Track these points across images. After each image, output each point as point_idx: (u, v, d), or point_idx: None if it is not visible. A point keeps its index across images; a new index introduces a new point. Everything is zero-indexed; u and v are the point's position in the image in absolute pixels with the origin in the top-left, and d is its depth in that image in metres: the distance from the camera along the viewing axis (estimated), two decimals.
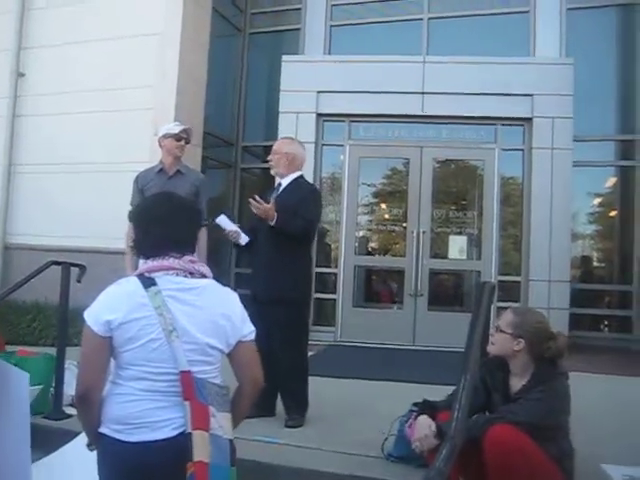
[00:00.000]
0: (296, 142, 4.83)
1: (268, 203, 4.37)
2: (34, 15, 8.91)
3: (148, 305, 2.08)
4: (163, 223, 2.22)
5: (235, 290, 2.33)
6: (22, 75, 8.82)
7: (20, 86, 8.83)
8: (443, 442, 2.26)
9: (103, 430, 2.11)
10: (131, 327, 2.06)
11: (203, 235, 4.73)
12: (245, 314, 2.27)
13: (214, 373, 2.17)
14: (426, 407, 2.91)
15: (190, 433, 2.00)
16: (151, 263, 2.19)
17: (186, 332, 2.09)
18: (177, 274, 2.17)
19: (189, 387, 2.05)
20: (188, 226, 2.31)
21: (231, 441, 2.11)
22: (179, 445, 2.00)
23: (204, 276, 2.24)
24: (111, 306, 2.09)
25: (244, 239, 4.41)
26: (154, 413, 2.06)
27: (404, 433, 2.99)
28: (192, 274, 2.20)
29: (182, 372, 2.06)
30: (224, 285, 2.31)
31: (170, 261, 2.17)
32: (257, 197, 4.28)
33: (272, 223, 4.23)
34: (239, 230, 4.41)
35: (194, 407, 2.03)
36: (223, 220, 4.38)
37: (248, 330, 2.25)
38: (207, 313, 2.14)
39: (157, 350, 2.06)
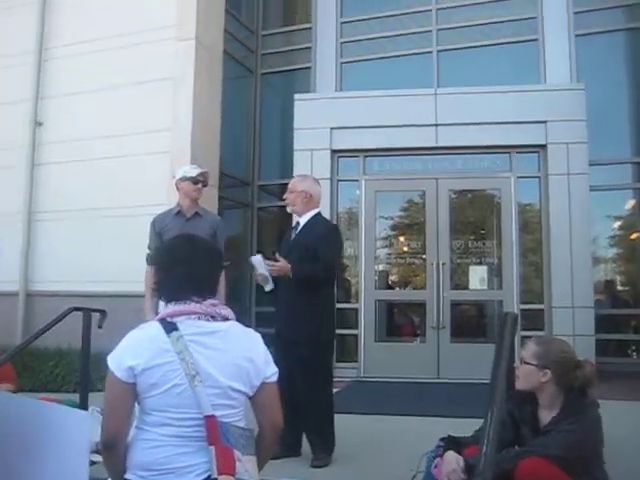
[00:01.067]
0: (310, 178, 4.82)
1: (289, 242, 4.39)
2: (50, 65, 9.11)
3: (170, 350, 2.06)
4: (185, 265, 2.21)
5: (256, 329, 2.31)
6: (40, 124, 9.00)
7: (38, 135, 9.00)
8: (473, 478, 2.21)
9: (129, 476, 2.09)
10: (154, 373, 2.05)
11: (222, 277, 4.73)
12: (268, 355, 2.25)
13: (238, 416, 2.14)
14: (452, 443, 2.85)
15: (216, 479, 1.98)
16: (172, 308, 2.18)
17: (209, 376, 2.07)
18: (199, 318, 2.16)
19: (214, 432, 2.03)
20: (210, 268, 2.29)
21: None
22: None
23: (226, 319, 2.22)
24: (134, 351, 2.08)
25: (270, 286, 4.40)
26: (179, 459, 2.03)
27: (431, 471, 2.93)
28: (214, 317, 2.18)
29: (206, 417, 2.04)
30: (245, 325, 2.29)
31: (192, 305, 2.16)
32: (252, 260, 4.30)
33: (290, 276, 4.23)
34: (268, 276, 4.39)
35: (219, 452, 2.01)
36: (258, 260, 4.35)
37: (271, 371, 2.23)
38: (230, 356, 2.13)
39: (180, 395, 2.04)
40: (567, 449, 2.62)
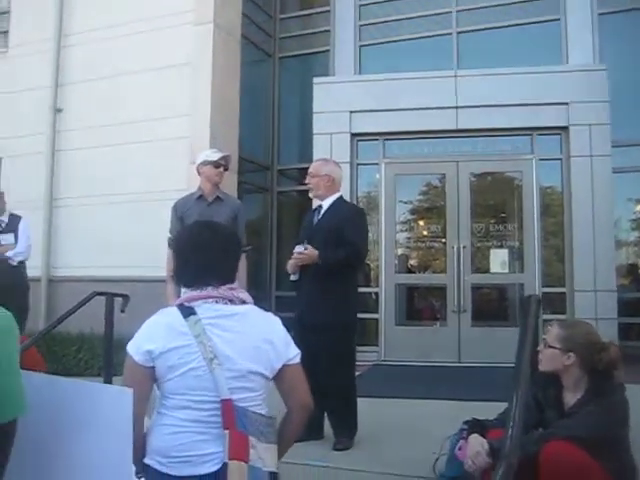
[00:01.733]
0: (332, 162, 4.79)
1: (311, 226, 4.40)
2: (69, 52, 9.15)
3: (188, 334, 2.08)
4: (203, 252, 2.22)
5: (276, 313, 2.31)
6: (60, 110, 9.06)
7: (58, 121, 9.06)
8: (498, 461, 2.20)
9: (148, 461, 2.11)
10: (171, 356, 2.07)
11: (242, 262, 4.73)
12: (289, 337, 2.25)
13: (257, 401, 2.14)
14: (476, 426, 2.84)
15: (226, 463, 1.99)
16: (190, 293, 2.20)
17: (227, 359, 2.08)
18: (216, 301, 2.17)
19: (229, 416, 2.03)
20: (228, 255, 2.30)
21: (273, 474, 2.08)
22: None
23: (244, 302, 2.23)
24: (151, 336, 2.12)
25: (295, 276, 4.41)
26: (197, 446, 2.05)
27: (455, 453, 2.92)
28: (232, 301, 2.19)
29: (223, 400, 2.05)
30: (265, 309, 2.29)
31: (209, 290, 2.18)
32: (297, 249, 4.28)
33: (320, 262, 4.22)
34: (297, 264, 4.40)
35: (233, 436, 2.01)
36: (300, 249, 4.35)
37: (293, 353, 2.23)
38: (248, 339, 2.13)
39: (199, 378, 2.06)
40: (591, 430, 2.61)
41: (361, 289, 8.49)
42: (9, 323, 2.35)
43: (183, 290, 4.64)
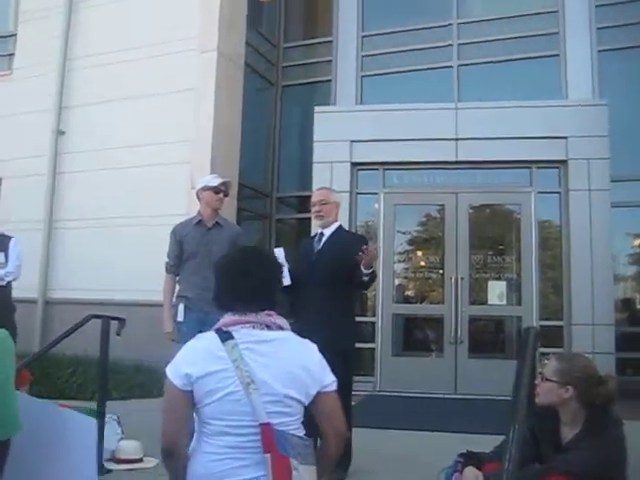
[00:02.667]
0: (334, 191, 4.89)
1: (312, 253, 4.41)
2: (73, 76, 9.23)
3: (225, 358, 2.10)
4: (250, 277, 2.23)
5: None
6: (62, 133, 9.13)
7: (60, 144, 9.10)
8: None
9: None
10: (209, 380, 2.08)
11: None
12: (325, 364, 2.25)
13: (295, 425, 2.14)
14: (471, 458, 2.81)
15: None
16: (228, 318, 2.21)
17: (264, 384, 2.08)
18: (254, 327, 2.18)
19: (269, 439, 2.03)
20: (272, 282, 2.32)
21: None
22: None
23: (281, 328, 2.23)
24: (189, 360, 2.14)
25: (287, 280, 4.39)
26: (236, 472, 2.05)
27: None
28: (269, 327, 2.20)
29: (262, 424, 2.05)
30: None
31: (248, 315, 2.19)
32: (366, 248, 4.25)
33: (368, 271, 4.19)
34: (287, 269, 4.39)
35: (275, 460, 2.01)
36: (280, 253, 4.36)
37: (329, 380, 2.23)
38: (285, 364, 2.14)
39: (236, 403, 2.06)
40: (590, 467, 2.57)
41: (358, 318, 8.52)
42: (8, 342, 2.36)
43: (180, 313, 4.69)
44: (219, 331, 2.18)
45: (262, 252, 2.45)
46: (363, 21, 10.22)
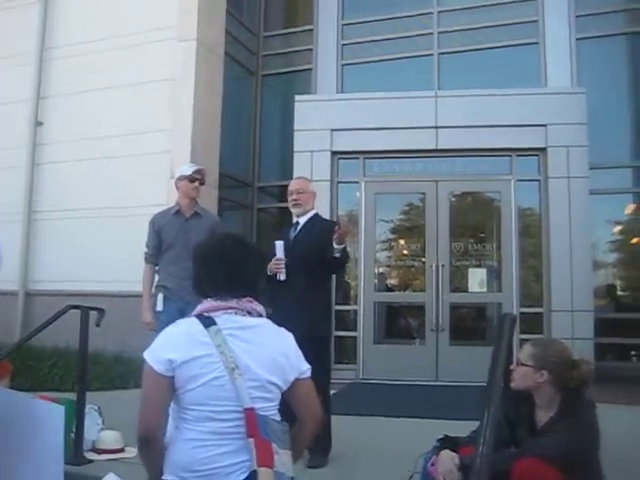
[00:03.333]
0: (309, 180, 4.92)
1: (289, 241, 4.42)
2: (51, 65, 9.13)
3: (209, 343, 2.10)
4: (231, 263, 2.23)
5: None
6: (40, 124, 9.04)
7: (39, 135, 9.01)
8: (468, 478, 2.20)
9: (169, 477, 2.10)
10: (193, 365, 2.07)
11: None
12: (300, 352, 2.29)
13: (274, 410, 2.17)
14: (448, 442, 2.85)
15: (256, 470, 2.00)
16: (209, 303, 2.21)
17: (248, 369, 2.09)
18: (235, 313, 2.19)
19: (253, 424, 2.05)
20: (254, 268, 2.32)
21: (293, 478, 2.12)
22: None
23: (260, 315, 2.25)
24: (172, 345, 2.12)
25: (284, 275, 4.40)
26: (221, 458, 2.05)
27: (428, 469, 2.92)
28: (250, 313, 2.22)
29: (246, 409, 2.06)
30: None
31: (229, 301, 2.19)
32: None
33: (340, 247, 4.19)
34: (284, 264, 4.40)
35: (259, 444, 2.03)
36: (280, 246, 4.37)
37: (305, 367, 2.27)
38: (267, 351, 2.16)
39: (221, 388, 2.07)
40: (564, 449, 2.61)
41: (340, 307, 8.60)
42: None
43: (160, 303, 4.68)
44: (200, 317, 2.18)
45: (242, 239, 2.43)
46: (343, 10, 10.20)
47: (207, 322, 2.14)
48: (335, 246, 4.18)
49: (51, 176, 8.89)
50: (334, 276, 5.56)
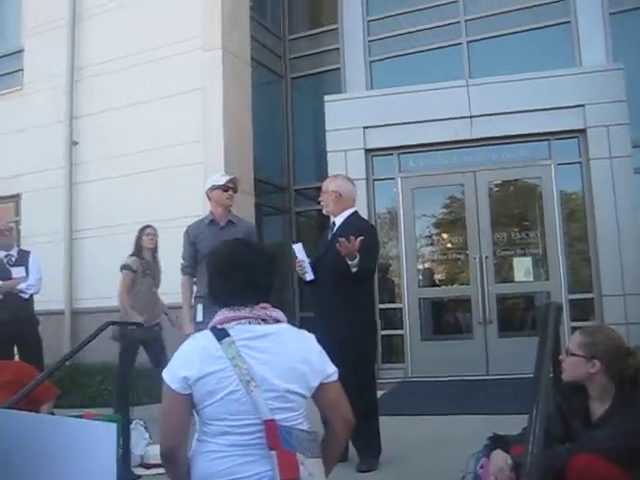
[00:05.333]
0: (341, 177, 4.79)
1: (325, 242, 4.37)
2: (82, 85, 9.24)
3: (223, 357, 2.06)
4: (243, 271, 2.18)
5: None
6: (76, 143, 9.13)
7: (74, 154, 9.13)
8: (520, 478, 2.10)
9: None
10: (208, 381, 2.04)
11: None
12: (324, 355, 2.22)
13: (299, 419, 2.11)
14: (498, 442, 2.73)
15: None
16: (222, 315, 2.17)
17: (264, 380, 2.04)
18: (250, 322, 2.14)
19: (274, 436, 2.00)
20: (267, 273, 2.26)
21: None
22: None
23: (277, 321, 2.19)
24: (186, 362, 2.08)
25: (310, 275, 4.35)
26: (242, 468, 2.01)
27: (477, 472, 2.82)
28: (265, 320, 2.16)
29: (265, 421, 2.01)
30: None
31: (242, 310, 2.14)
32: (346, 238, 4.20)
33: (354, 263, 4.14)
34: (308, 264, 4.34)
35: (281, 456, 1.98)
36: (299, 248, 4.35)
37: (331, 370, 2.20)
38: (284, 359, 2.10)
39: (237, 402, 2.02)
40: (621, 442, 2.47)
41: (385, 305, 8.51)
42: None
43: (199, 313, 4.66)
44: (214, 329, 2.14)
45: (253, 244, 2.40)
46: (368, 5, 10.09)
47: (220, 335, 2.10)
48: (349, 262, 4.10)
49: (88, 194, 8.98)
50: (376, 277, 5.51)
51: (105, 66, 8.97)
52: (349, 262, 4.11)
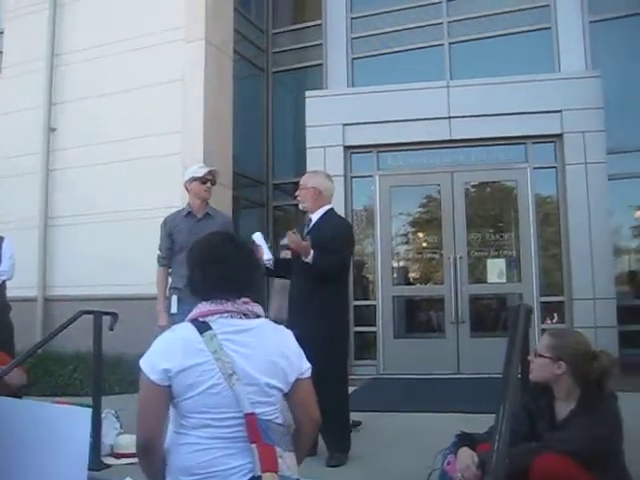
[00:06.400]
0: (321, 174, 4.77)
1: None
2: (62, 71, 9.15)
3: (205, 350, 2.05)
4: (225, 265, 2.18)
5: None
6: (53, 130, 9.04)
7: (52, 141, 9.04)
8: (485, 475, 2.15)
9: None
10: (190, 374, 2.03)
11: None
12: (301, 351, 2.25)
13: (276, 413, 2.14)
14: (465, 439, 2.79)
15: (260, 476, 1.97)
16: (204, 307, 2.16)
17: (246, 374, 2.06)
18: (231, 316, 2.14)
19: (254, 429, 2.02)
20: (248, 268, 2.27)
21: None
22: None
23: (258, 316, 2.21)
24: (167, 353, 2.07)
25: (268, 255, 4.39)
26: (222, 461, 2.02)
27: (444, 468, 2.87)
28: (246, 315, 2.17)
29: (246, 415, 2.03)
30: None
31: (224, 304, 2.15)
32: (294, 231, 4.26)
33: (308, 260, 4.18)
34: (267, 249, 4.43)
35: (261, 449, 2.00)
36: (259, 237, 4.46)
37: (305, 367, 2.23)
38: (265, 353, 2.12)
39: (218, 395, 2.03)
40: (584, 444, 2.54)
41: (358, 302, 8.56)
42: None
43: (174, 305, 4.67)
44: (195, 322, 2.14)
45: (232, 237, 2.38)
46: (352, 3, 10.11)
47: (202, 327, 2.10)
48: (303, 258, 4.21)
49: (65, 182, 8.90)
50: (351, 274, 5.53)
51: (86, 53, 8.88)
52: (303, 258, 4.19)
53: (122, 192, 8.40)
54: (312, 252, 4.19)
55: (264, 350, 2.12)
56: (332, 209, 4.61)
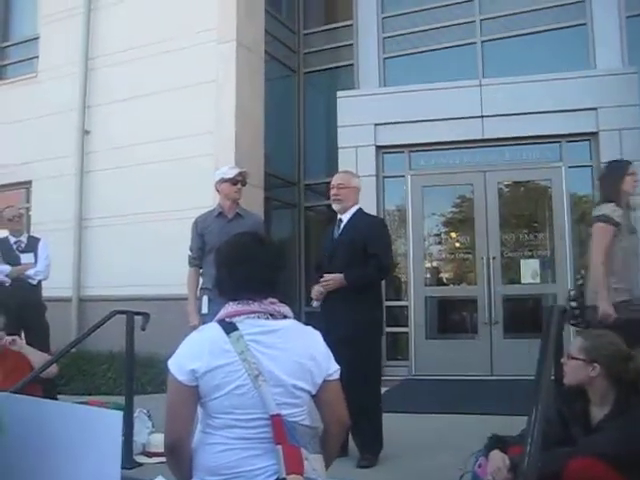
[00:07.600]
0: (354, 174, 4.85)
1: (332, 241, 4.37)
2: (96, 74, 9.28)
3: (231, 351, 2.06)
4: (250, 265, 2.18)
5: None
6: (87, 132, 9.16)
7: (86, 143, 9.17)
8: (516, 478, 2.11)
9: None
10: (216, 375, 2.04)
11: None
12: (329, 352, 2.23)
13: (303, 415, 2.13)
14: (497, 442, 2.75)
15: (284, 478, 1.97)
16: (232, 307, 2.16)
17: (272, 375, 2.05)
18: (258, 317, 2.14)
19: (280, 431, 2.02)
20: (274, 268, 2.26)
21: None
22: None
23: (285, 317, 2.20)
24: (194, 354, 2.08)
25: (317, 303, 4.48)
26: (247, 462, 2.02)
27: (475, 470, 2.84)
28: (273, 316, 2.16)
29: (272, 416, 2.03)
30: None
31: (251, 305, 2.14)
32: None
33: (346, 284, 4.21)
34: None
35: (286, 451, 2.00)
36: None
37: (334, 368, 2.22)
38: (291, 354, 2.11)
39: (244, 396, 2.03)
40: (619, 446, 2.48)
41: (391, 303, 8.51)
42: None
43: (205, 305, 4.69)
44: (222, 322, 2.14)
45: (262, 238, 2.38)
46: (383, 2, 10.05)
47: (229, 328, 2.10)
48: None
49: (99, 183, 9.02)
50: None
51: (119, 56, 8.99)
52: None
53: (154, 193, 8.47)
54: (343, 276, 4.22)
55: (291, 351, 2.11)
56: (361, 208, 4.62)
